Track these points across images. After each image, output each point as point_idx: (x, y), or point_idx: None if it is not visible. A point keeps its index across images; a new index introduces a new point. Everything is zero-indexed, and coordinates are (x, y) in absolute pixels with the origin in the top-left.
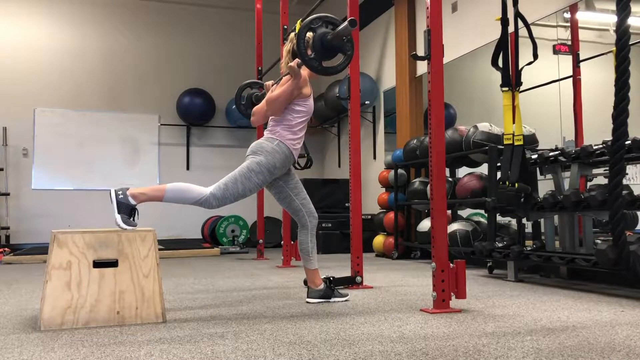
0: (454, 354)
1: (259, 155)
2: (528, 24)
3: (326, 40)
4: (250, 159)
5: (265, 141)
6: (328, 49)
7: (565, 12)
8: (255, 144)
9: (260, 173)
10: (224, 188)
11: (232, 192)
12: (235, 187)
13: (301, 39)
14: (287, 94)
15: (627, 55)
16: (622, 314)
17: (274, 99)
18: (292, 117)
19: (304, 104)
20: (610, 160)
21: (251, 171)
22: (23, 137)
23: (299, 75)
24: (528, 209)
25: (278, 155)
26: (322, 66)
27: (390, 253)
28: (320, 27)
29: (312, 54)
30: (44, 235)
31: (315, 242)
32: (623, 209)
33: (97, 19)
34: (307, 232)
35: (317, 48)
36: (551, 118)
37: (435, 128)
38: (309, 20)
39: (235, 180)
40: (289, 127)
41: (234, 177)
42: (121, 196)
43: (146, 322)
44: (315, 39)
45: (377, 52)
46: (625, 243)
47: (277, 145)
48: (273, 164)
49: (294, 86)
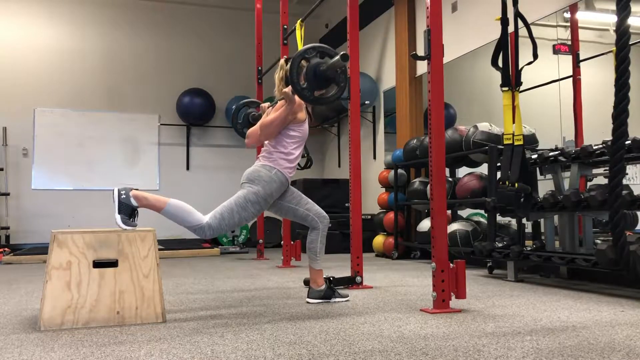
0: (454, 354)
1: (256, 185)
2: (528, 24)
3: (319, 71)
4: (247, 188)
5: (262, 169)
6: (321, 79)
7: (565, 12)
8: (253, 172)
9: (256, 203)
10: (220, 218)
11: (227, 222)
12: (231, 218)
13: (294, 68)
14: (281, 120)
15: (627, 55)
16: (622, 314)
17: (267, 124)
18: (286, 142)
19: (298, 129)
20: (610, 160)
21: (248, 201)
22: (23, 137)
23: (293, 101)
24: (528, 209)
25: (275, 184)
26: (314, 96)
27: (390, 253)
28: (314, 57)
29: (304, 83)
30: (44, 235)
31: (324, 243)
32: (623, 209)
33: (97, 19)
34: (319, 233)
35: (310, 78)
36: (551, 118)
37: (435, 128)
38: (302, 50)
39: (231, 211)
40: (285, 154)
41: (230, 207)
42: (124, 196)
43: (146, 322)
44: (308, 69)
45: (377, 52)
46: (625, 243)
47: (275, 174)
48: (270, 193)
49: (288, 111)
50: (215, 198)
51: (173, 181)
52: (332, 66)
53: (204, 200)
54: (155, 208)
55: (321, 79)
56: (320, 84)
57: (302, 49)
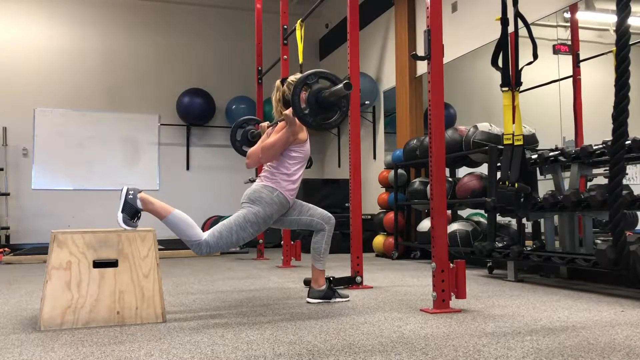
0: (454, 354)
1: (256, 206)
2: (528, 24)
3: (321, 97)
4: (247, 209)
5: (264, 190)
6: (323, 105)
7: (565, 12)
8: (254, 192)
9: (255, 224)
10: (218, 236)
11: (225, 241)
12: (229, 237)
13: (296, 95)
14: (282, 142)
15: (627, 55)
16: (622, 314)
17: (269, 146)
18: (288, 164)
19: (300, 149)
20: (610, 160)
21: (247, 222)
22: (23, 137)
23: (294, 123)
24: (528, 209)
25: (276, 206)
26: (316, 122)
27: (390, 253)
28: (316, 82)
29: (306, 109)
30: (44, 235)
31: (329, 244)
32: (623, 209)
33: (97, 19)
34: (325, 234)
35: (312, 104)
36: (551, 118)
37: (435, 128)
38: (304, 77)
39: (230, 230)
40: (287, 175)
41: (229, 226)
42: (131, 196)
43: (146, 322)
44: (310, 95)
45: (377, 52)
46: (625, 243)
47: (277, 196)
48: (270, 215)
49: (289, 134)
50: (215, 198)
51: (173, 181)
52: (334, 94)
53: (204, 200)
54: (159, 215)
55: (323, 105)
56: (322, 109)
57: (303, 75)
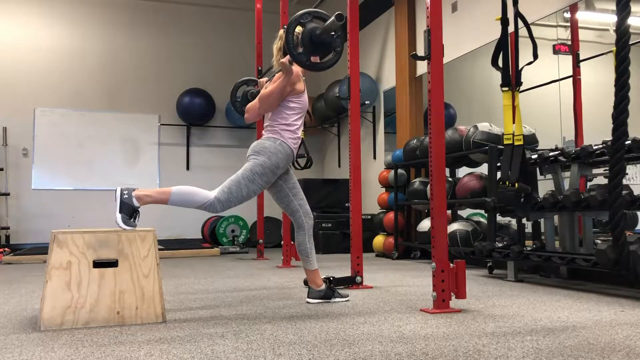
0: (454, 354)
1: (261, 156)
2: (528, 24)
3: (315, 35)
4: (253, 160)
5: (267, 141)
6: (317, 44)
7: (565, 12)
8: (257, 144)
9: (264, 175)
10: (228, 192)
11: (236, 196)
12: (239, 191)
13: (290, 33)
14: (279, 91)
15: (627, 55)
16: (622, 314)
17: (266, 95)
18: (287, 114)
19: (298, 100)
20: (610, 160)
21: (255, 174)
22: (23, 137)
23: (291, 72)
24: (528, 209)
25: (281, 155)
26: (311, 62)
27: (390, 253)
28: (310, 22)
29: (301, 49)
30: (44, 235)
31: (313, 242)
32: (623, 209)
33: (97, 19)
34: (305, 233)
35: (306, 43)
36: (551, 118)
37: (435, 128)
38: (298, 15)
39: (239, 184)
40: (287, 125)
41: (237, 180)
42: (126, 196)
43: (146, 322)
44: (304, 34)
45: (377, 52)
46: (625, 243)
47: (280, 144)
48: (277, 164)
49: (285, 82)
50: None
51: (173, 181)
52: (327, 29)
53: None
54: (161, 202)
55: (317, 43)
56: (317, 48)
57: (297, 14)
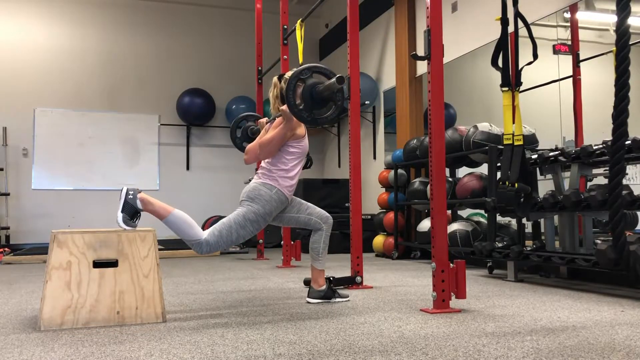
0: (454, 354)
1: (255, 204)
2: (528, 24)
3: (316, 92)
4: (247, 207)
5: (263, 188)
6: (317, 100)
7: (565, 12)
8: (252, 190)
9: (255, 222)
10: (218, 235)
11: (225, 240)
12: (229, 235)
13: (290, 90)
14: (279, 137)
15: (627, 55)
16: (622, 314)
17: (267, 142)
18: (286, 159)
19: (298, 145)
20: (610, 160)
21: (247, 220)
22: (23, 137)
23: (291, 119)
24: (528, 209)
25: (275, 203)
26: (312, 117)
27: (390, 253)
28: (309, 77)
29: (301, 104)
30: (44, 235)
31: (327, 243)
32: (623, 209)
33: (97, 19)
34: (322, 233)
35: (307, 99)
36: (551, 118)
37: (435, 128)
38: (297, 72)
39: (229, 228)
40: (285, 171)
41: (229, 224)
42: (131, 196)
43: (146, 322)
44: (304, 90)
45: (377, 52)
46: (625, 243)
47: (275, 193)
48: (269, 212)
49: (286, 129)
50: (215, 198)
51: (173, 181)
52: (328, 88)
53: (204, 200)
54: (159, 215)
55: (318, 99)
56: (317, 103)
57: (296, 70)
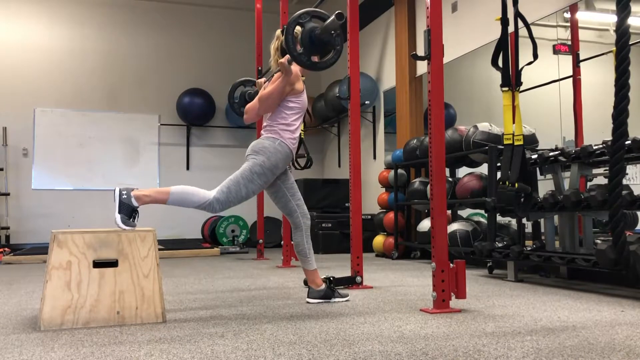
0: (454, 354)
1: (260, 156)
2: (528, 24)
3: (314, 34)
4: (252, 160)
5: (267, 141)
6: (317, 43)
7: (565, 12)
8: (257, 143)
9: (262, 175)
10: (227, 192)
11: (235, 196)
12: (238, 191)
13: (289, 34)
14: (278, 91)
15: (627, 55)
16: (622, 314)
17: (266, 96)
18: (286, 114)
19: (297, 100)
20: (610, 160)
21: (254, 173)
22: (23, 137)
23: (290, 72)
24: (528, 209)
25: (280, 155)
26: (311, 61)
27: (390, 253)
28: (308, 22)
29: (301, 49)
30: (44, 235)
31: (310, 242)
32: (623, 209)
33: (97, 19)
34: (302, 234)
35: (306, 43)
36: (551, 118)
37: (435, 128)
38: (297, 15)
39: (237, 183)
40: (286, 125)
41: (236, 180)
42: (124, 196)
43: (146, 322)
44: (303, 34)
45: (377, 52)
46: (625, 243)
47: (279, 144)
48: (276, 164)
49: (285, 82)
50: None
51: (173, 181)
52: (327, 28)
53: None
54: (160, 201)
55: (317, 43)
56: (317, 48)
57: (295, 14)
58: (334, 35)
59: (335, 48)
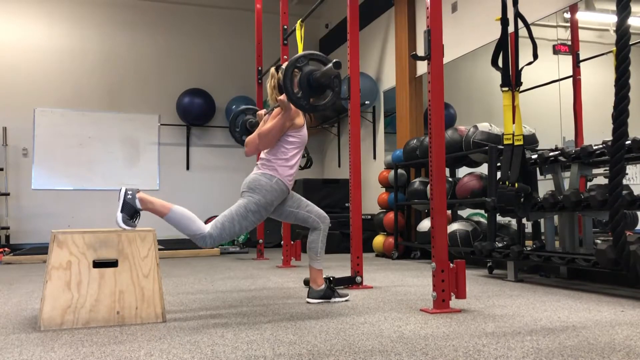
0: (454, 354)
1: (256, 194)
2: (528, 24)
3: (313, 78)
4: (248, 198)
5: (263, 178)
6: (315, 87)
7: (565, 12)
8: (253, 180)
9: (257, 212)
10: (221, 228)
11: (228, 232)
12: (232, 227)
13: (288, 78)
14: (278, 127)
15: (627, 55)
16: (622, 314)
17: (266, 132)
18: (285, 149)
19: (297, 134)
20: (610, 160)
21: (248, 211)
22: (23, 137)
23: (290, 108)
24: (528, 209)
25: (276, 193)
26: (310, 104)
27: (390, 253)
28: (306, 65)
29: (299, 92)
30: (44, 235)
31: (325, 243)
32: (623, 209)
33: (97, 19)
34: (319, 233)
35: (304, 86)
36: (551, 118)
37: (435, 128)
38: (294, 60)
39: (232, 220)
40: (285, 160)
41: (231, 216)
42: (129, 197)
43: (146, 322)
44: (301, 78)
45: (377, 52)
46: (625, 243)
47: (276, 183)
48: (271, 202)
49: (285, 119)
50: (215, 198)
51: (173, 181)
52: (325, 74)
53: (204, 200)
54: (159, 213)
55: (315, 86)
56: (315, 91)
57: (293, 58)
58: (332, 78)
59: (334, 90)
